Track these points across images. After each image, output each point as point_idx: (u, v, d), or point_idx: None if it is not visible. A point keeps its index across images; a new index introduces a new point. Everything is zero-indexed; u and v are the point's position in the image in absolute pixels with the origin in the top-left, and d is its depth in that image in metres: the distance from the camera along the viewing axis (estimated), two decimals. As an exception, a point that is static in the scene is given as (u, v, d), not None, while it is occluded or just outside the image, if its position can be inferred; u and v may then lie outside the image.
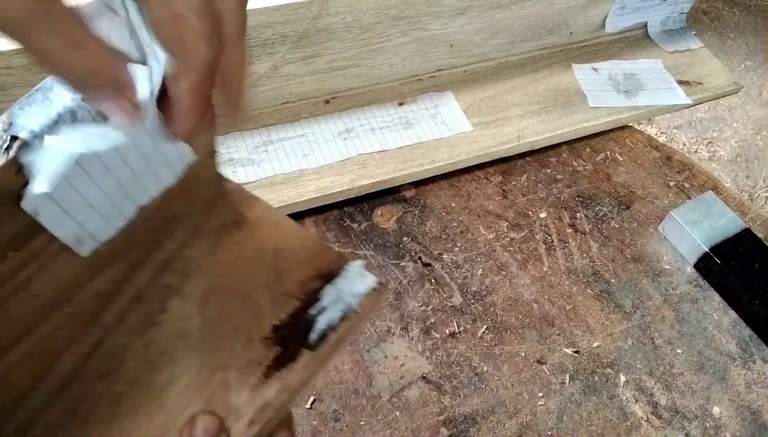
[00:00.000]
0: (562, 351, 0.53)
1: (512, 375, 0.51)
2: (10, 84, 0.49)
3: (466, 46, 0.68)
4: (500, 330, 0.54)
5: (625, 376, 0.52)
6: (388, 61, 0.65)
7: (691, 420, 0.50)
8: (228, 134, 0.60)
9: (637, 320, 0.56)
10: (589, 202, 0.64)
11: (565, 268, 0.59)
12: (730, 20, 1.84)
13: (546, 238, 0.61)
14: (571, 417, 0.49)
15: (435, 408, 0.49)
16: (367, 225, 0.60)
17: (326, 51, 0.61)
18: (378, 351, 0.52)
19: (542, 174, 0.66)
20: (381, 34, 0.62)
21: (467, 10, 0.65)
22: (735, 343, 0.55)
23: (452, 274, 0.57)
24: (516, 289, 0.57)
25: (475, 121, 0.64)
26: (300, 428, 0.48)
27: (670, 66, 0.74)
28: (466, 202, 0.63)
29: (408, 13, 0.61)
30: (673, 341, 0.55)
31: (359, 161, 0.59)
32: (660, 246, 0.61)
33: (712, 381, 0.53)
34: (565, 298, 0.56)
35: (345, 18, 0.59)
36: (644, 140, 0.71)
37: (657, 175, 0.68)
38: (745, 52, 1.75)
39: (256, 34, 0.56)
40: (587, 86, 0.70)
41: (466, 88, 0.68)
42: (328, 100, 0.64)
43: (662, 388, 0.52)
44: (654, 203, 0.65)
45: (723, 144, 1.54)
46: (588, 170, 0.67)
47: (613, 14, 0.74)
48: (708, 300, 0.58)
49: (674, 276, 0.59)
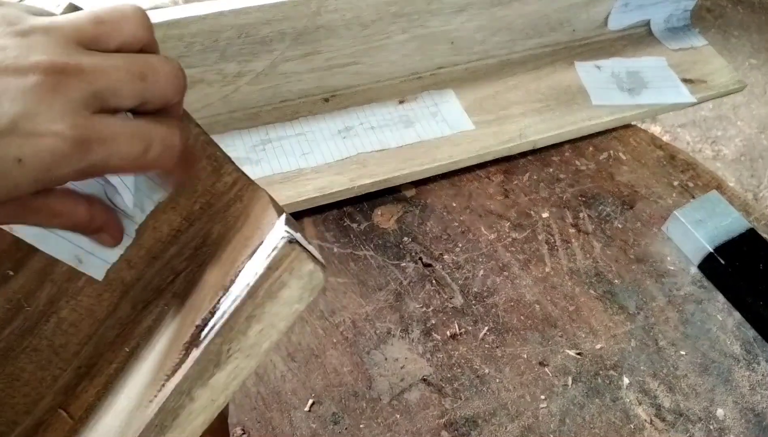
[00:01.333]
0: (565, 352, 0.52)
1: (514, 377, 0.51)
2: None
3: (467, 44, 0.67)
4: (502, 331, 0.53)
5: (628, 378, 0.51)
6: (388, 58, 0.64)
7: (695, 422, 0.50)
8: (225, 133, 0.59)
9: (640, 321, 0.55)
10: (592, 201, 0.64)
11: (567, 269, 0.58)
12: (734, 18, 1.83)
13: (548, 238, 0.60)
14: (574, 420, 0.49)
15: (436, 411, 0.48)
16: (367, 226, 0.59)
17: (325, 48, 0.60)
18: (378, 353, 0.51)
19: (544, 173, 0.65)
20: (381, 32, 0.61)
21: (468, 7, 0.64)
22: (739, 345, 0.54)
23: (453, 275, 0.56)
24: (518, 290, 0.56)
25: (476, 119, 0.64)
26: (299, 431, 0.47)
27: (674, 64, 0.73)
28: (467, 201, 0.62)
29: (408, 10, 0.61)
30: (677, 342, 0.54)
31: (359, 160, 0.59)
32: (664, 246, 0.61)
33: (716, 382, 0.52)
34: (568, 299, 0.56)
35: (344, 15, 0.58)
36: (648, 139, 0.70)
37: (661, 175, 0.67)
38: (750, 50, 1.74)
39: (254, 31, 0.56)
40: (590, 84, 0.69)
41: (467, 86, 0.67)
42: (327, 98, 0.64)
43: (666, 390, 0.51)
44: (658, 203, 0.64)
45: (727, 143, 1.53)
46: (591, 169, 0.66)
47: (617, 11, 0.73)
48: (712, 302, 0.57)
49: (678, 276, 0.59)
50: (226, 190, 0.36)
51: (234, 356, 0.25)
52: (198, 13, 0.53)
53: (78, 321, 0.35)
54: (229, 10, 0.53)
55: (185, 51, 0.54)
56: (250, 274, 0.25)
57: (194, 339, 0.27)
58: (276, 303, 0.25)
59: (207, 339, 0.25)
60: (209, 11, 0.53)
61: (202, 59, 0.55)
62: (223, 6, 0.53)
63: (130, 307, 0.36)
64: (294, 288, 0.25)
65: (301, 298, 0.25)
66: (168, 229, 0.36)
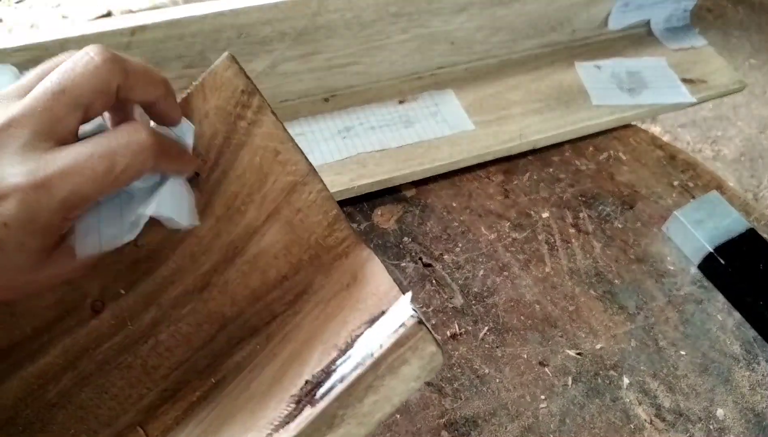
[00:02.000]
0: (565, 352, 0.52)
1: (514, 377, 0.51)
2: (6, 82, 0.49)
3: (467, 44, 0.67)
4: (502, 331, 0.53)
5: (628, 378, 0.51)
6: (388, 58, 0.64)
7: (694, 422, 0.50)
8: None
9: (640, 321, 0.55)
10: (592, 201, 0.64)
11: (567, 269, 0.58)
12: (735, 18, 1.83)
13: (548, 239, 0.60)
14: (574, 420, 0.49)
15: (436, 411, 0.48)
16: (367, 226, 0.59)
17: (325, 48, 0.60)
18: (378, 352, 0.51)
19: (544, 173, 0.65)
20: (381, 32, 0.61)
21: (468, 7, 0.64)
22: (739, 345, 0.54)
23: (453, 275, 0.56)
24: (518, 290, 0.56)
25: (476, 119, 0.64)
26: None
27: (674, 64, 0.73)
28: (467, 201, 0.62)
29: (408, 9, 0.61)
30: (677, 343, 0.54)
31: (359, 160, 0.59)
32: (664, 246, 0.61)
33: (716, 382, 0.52)
34: (568, 299, 0.56)
35: (344, 15, 0.58)
36: (648, 139, 0.70)
37: (661, 175, 0.67)
38: (750, 50, 1.74)
39: (254, 31, 0.56)
40: (590, 84, 0.69)
41: (468, 86, 0.67)
42: (327, 98, 0.64)
43: (666, 390, 0.51)
44: (658, 203, 0.64)
45: (727, 143, 1.53)
46: (591, 169, 0.66)
47: (617, 11, 0.73)
48: (712, 302, 0.57)
49: (678, 276, 0.59)
50: (336, 245, 0.38)
51: (347, 422, 0.26)
52: (198, 13, 0.52)
53: (174, 347, 0.36)
54: (228, 10, 0.53)
55: (185, 51, 0.54)
56: (374, 344, 0.26)
57: (307, 396, 0.28)
58: (395, 377, 0.26)
59: (324, 401, 0.26)
60: (209, 11, 0.53)
61: (202, 59, 0.55)
62: (222, 6, 0.53)
63: (225, 341, 0.38)
64: (414, 367, 0.26)
65: (419, 377, 0.26)
66: (276, 274, 0.38)
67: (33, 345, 0.33)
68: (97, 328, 0.35)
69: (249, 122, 0.35)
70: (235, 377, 0.37)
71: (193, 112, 0.34)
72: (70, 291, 0.33)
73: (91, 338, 0.35)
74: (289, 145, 0.36)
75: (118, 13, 0.66)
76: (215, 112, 0.35)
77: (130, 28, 0.50)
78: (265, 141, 0.36)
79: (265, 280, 0.38)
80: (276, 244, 0.38)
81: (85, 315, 0.34)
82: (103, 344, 0.35)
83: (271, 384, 0.32)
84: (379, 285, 0.33)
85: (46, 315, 0.33)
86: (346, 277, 0.37)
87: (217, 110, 0.35)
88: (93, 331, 0.34)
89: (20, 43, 0.47)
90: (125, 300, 0.35)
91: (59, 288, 0.32)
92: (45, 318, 0.33)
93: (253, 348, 0.38)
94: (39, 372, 0.34)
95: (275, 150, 0.36)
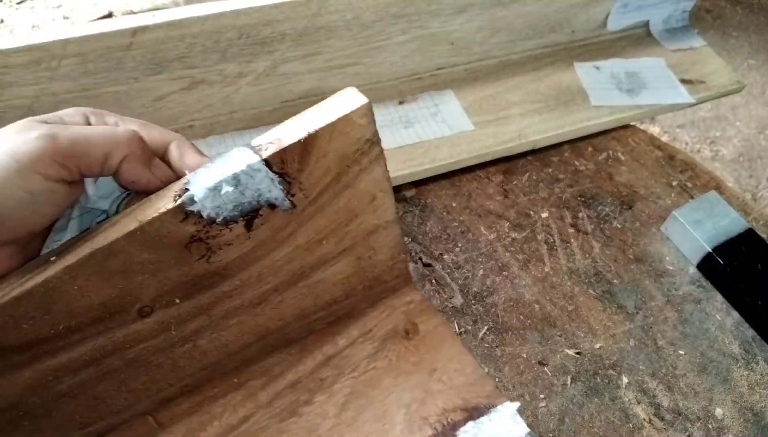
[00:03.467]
0: (564, 352, 0.53)
1: (513, 376, 0.51)
2: (7, 83, 0.49)
3: (467, 45, 0.68)
4: (501, 331, 0.53)
5: (627, 378, 0.52)
6: (388, 59, 0.64)
7: (693, 421, 0.50)
8: (226, 133, 0.60)
9: (639, 321, 0.55)
10: (591, 201, 0.64)
11: (567, 269, 0.58)
12: (733, 18, 1.83)
13: (548, 238, 0.60)
14: (573, 419, 0.49)
15: (435, 410, 0.49)
16: (367, 225, 0.59)
17: (326, 49, 0.60)
18: (378, 352, 0.52)
19: (544, 173, 0.66)
20: (381, 32, 0.62)
21: (468, 8, 0.64)
22: (738, 344, 0.55)
23: (453, 275, 0.57)
24: (517, 290, 0.56)
25: (475, 119, 0.64)
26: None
27: (673, 64, 0.73)
28: (466, 201, 0.62)
29: (408, 10, 0.61)
30: (676, 342, 0.54)
31: (359, 160, 0.59)
32: (662, 246, 0.61)
33: (715, 382, 0.52)
34: (567, 299, 0.56)
35: (345, 16, 0.58)
36: (647, 139, 0.71)
37: (660, 175, 0.67)
38: (748, 50, 1.75)
39: (255, 32, 0.56)
40: (589, 85, 0.69)
41: (467, 86, 0.67)
42: (327, 98, 0.64)
43: (665, 390, 0.51)
44: (657, 203, 0.64)
45: (726, 143, 1.53)
46: (590, 170, 0.67)
47: (616, 12, 0.73)
48: (711, 301, 0.57)
49: (677, 276, 0.59)
50: (389, 280, 0.40)
51: None
52: (199, 13, 0.53)
53: (209, 351, 0.36)
54: (229, 10, 0.53)
55: (186, 51, 0.54)
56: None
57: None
58: None
59: None
60: (210, 12, 0.53)
61: (203, 60, 0.55)
62: (223, 7, 0.53)
63: (259, 349, 0.38)
64: None
65: None
66: (328, 298, 0.39)
67: (59, 343, 0.31)
68: (137, 331, 0.33)
69: (362, 168, 0.35)
70: (264, 380, 0.38)
71: (314, 149, 0.33)
72: (120, 296, 0.32)
73: (128, 339, 0.33)
74: (386, 193, 0.36)
75: (119, 13, 0.66)
76: (335, 154, 0.34)
77: (131, 29, 0.51)
78: (369, 186, 0.36)
79: (317, 302, 0.38)
80: (339, 274, 0.38)
81: (128, 319, 0.33)
82: (139, 345, 0.34)
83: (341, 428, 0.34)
84: (465, 367, 0.35)
85: (85, 316, 0.31)
86: (398, 317, 0.39)
87: (338, 152, 0.34)
88: (132, 333, 0.33)
89: (21, 44, 0.47)
90: (176, 309, 0.34)
91: (106, 293, 0.31)
92: (82, 319, 0.31)
93: (284, 356, 0.39)
94: (58, 365, 0.32)
95: (374, 196, 0.36)
